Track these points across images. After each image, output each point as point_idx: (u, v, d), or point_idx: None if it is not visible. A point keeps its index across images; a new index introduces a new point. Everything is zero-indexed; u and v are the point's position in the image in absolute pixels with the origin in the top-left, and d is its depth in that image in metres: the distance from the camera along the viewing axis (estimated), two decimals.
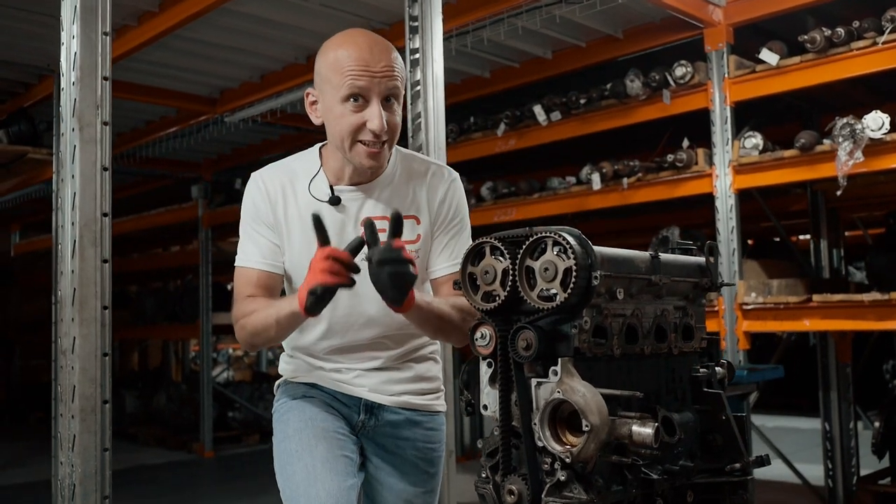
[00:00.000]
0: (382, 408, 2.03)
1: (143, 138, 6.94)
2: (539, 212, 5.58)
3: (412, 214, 1.96)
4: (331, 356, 2.03)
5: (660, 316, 1.67)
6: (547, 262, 1.49)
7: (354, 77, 1.81)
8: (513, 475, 1.52)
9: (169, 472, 7.89)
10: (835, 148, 4.06)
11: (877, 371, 9.41)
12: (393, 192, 1.97)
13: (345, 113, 1.83)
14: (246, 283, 1.95)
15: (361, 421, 2.02)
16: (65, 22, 2.10)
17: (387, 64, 1.84)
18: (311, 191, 1.94)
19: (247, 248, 1.97)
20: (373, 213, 1.92)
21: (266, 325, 1.84)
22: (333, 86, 1.84)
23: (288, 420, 2.00)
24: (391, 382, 2.04)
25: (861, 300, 4.08)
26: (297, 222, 1.94)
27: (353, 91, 1.81)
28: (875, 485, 5.63)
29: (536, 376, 1.51)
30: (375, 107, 1.82)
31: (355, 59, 1.82)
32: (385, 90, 1.83)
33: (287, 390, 2.09)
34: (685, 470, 1.61)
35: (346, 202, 1.94)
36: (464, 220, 2.06)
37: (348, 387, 2.02)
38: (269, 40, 5.08)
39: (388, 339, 2.02)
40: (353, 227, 1.93)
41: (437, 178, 2.02)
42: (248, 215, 1.98)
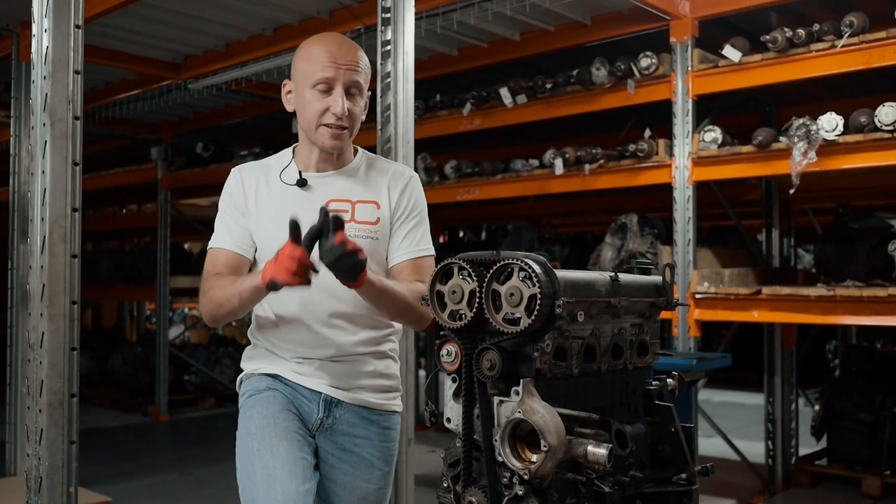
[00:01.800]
0: (341, 405, 2.12)
1: (102, 99, 6.81)
2: (502, 192, 5.64)
3: (373, 200, 2.16)
4: (291, 345, 2.13)
5: (617, 334, 1.75)
6: (513, 287, 1.55)
7: (323, 67, 2.06)
8: (473, 487, 1.60)
9: (123, 435, 7.89)
10: (790, 147, 4.17)
11: (820, 350, 9.73)
12: (356, 181, 2.18)
13: (312, 99, 2.08)
14: (215, 262, 2.13)
15: (320, 419, 2.12)
16: (36, 15, 2.08)
17: (352, 59, 2.09)
18: (282, 178, 2.16)
19: (220, 233, 2.15)
20: (338, 196, 2.13)
21: (230, 297, 2.01)
22: (305, 75, 2.08)
23: (251, 416, 2.10)
24: (350, 377, 2.13)
25: (807, 295, 4.23)
26: (268, 207, 2.13)
27: (320, 79, 2.06)
28: (812, 465, 5.89)
29: (499, 394, 1.58)
30: (339, 94, 2.06)
31: (325, 52, 2.07)
32: (348, 81, 2.07)
33: (251, 382, 2.18)
34: (635, 480, 1.71)
35: (314, 185, 2.15)
36: (422, 213, 2.24)
37: (310, 380, 2.12)
38: (236, 11, 5.01)
39: (346, 320, 2.11)
40: (316, 206, 1.99)
41: (398, 174, 2.23)
42: (224, 204, 2.17)
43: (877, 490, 5.36)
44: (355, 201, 2.14)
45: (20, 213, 5.06)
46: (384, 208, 2.15)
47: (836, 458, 5.82)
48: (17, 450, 4.91)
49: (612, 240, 5.30)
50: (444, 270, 1.67)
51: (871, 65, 4.04)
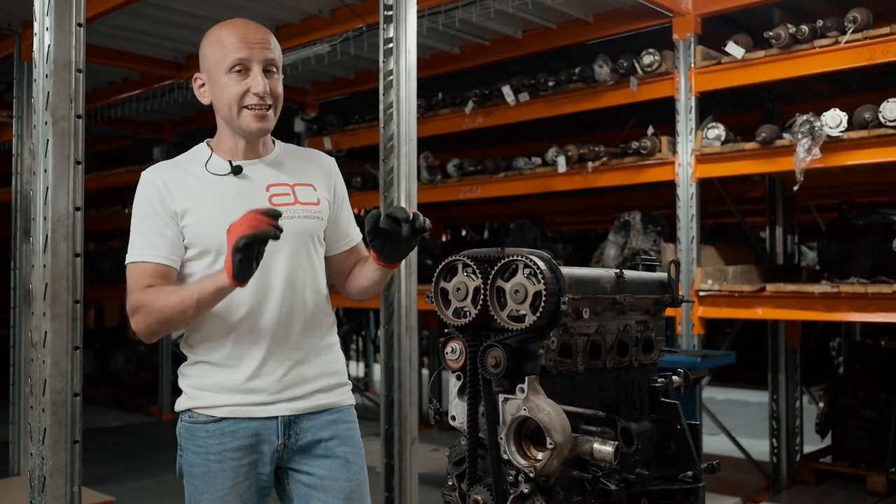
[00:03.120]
0: (300, 419, 2.03)
1: (104, 99, 6.81)
2: (505, 191, 5.64)
3: (308, 182, 2.12)
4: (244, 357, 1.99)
5: (622, 331, 1.74)
6: (518, 284, 1.55)
7: (235, 49, 1.97)
8: (478, 485, 1.59)
9: (126, 435, 7.90)
10: (794, 143, 4.16)
11: (824, 348, 9.71)
12: (285, 167, 2.12)
13: (230, 83, 1.98)
14: (142, 275, 1.94)
15: (282, 444, 2.01)
16: (38, 14, 2.07)
17: (263, 37, 2.01)
18: (209, 169, 2.02)
19: (138, 244, 1.97)
20: (275, 180, 2.06)
21: (183, 307, 1.86)
22: (217, 61, 2.00)
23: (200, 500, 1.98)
24: (307, 381, 2.04)
25: (812, 292, 4.22)
26: (205, 198, 1.98)
27: (234, 61, 1.97)
28: (817, 462, 5.88)
29: (504, 392, 1.57)
30: (257, 73, 1.98)
31: (234, 33, 2.00)
32: (264, 59, 1.99)
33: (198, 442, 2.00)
34: (641, 478, 1.70)
35: (248, 172, 2.05)
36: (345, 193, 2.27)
37: (263, 408, 1.99)
38: (238, 10, 4.99)
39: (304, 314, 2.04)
40: (259, 192, 2.03)
41: (322, 160, 2.22)
42: (141, 212, 1.98)
43: (882, 487, 5.34)
44: (293, 184, 2.08)
45: (23, 213, 5.06)
46: (321, 190, 2.12)
47: (841, 455, 5.80)
48: (20, 449, 4.91)
49: (616, 237, 5.29)
50: (449, 267, 1.66)
51: (875, 61, 4.02)
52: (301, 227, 2.03)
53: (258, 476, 2.00)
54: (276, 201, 2.01)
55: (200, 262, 1.98)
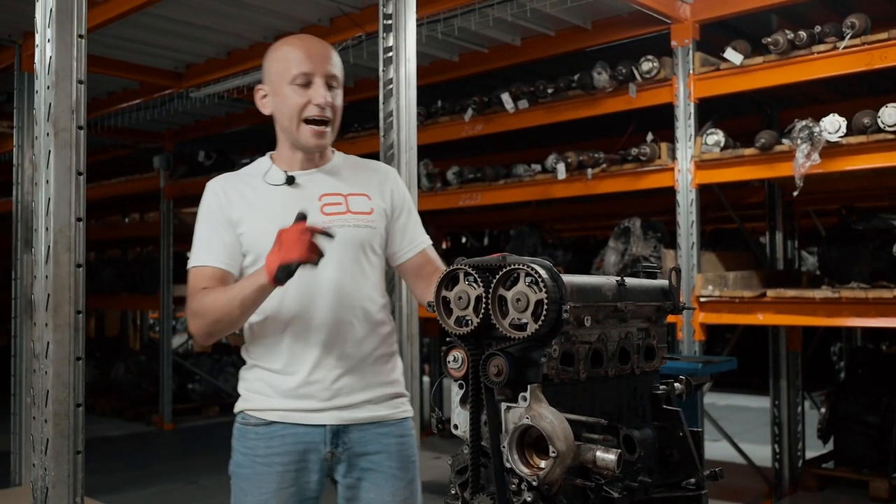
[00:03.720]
0: (349, 429, 2.05)
1: (104, 109, 6.83)
2: (504, 198, 5.65)
3: (363, 192, 2.14)
4: (297, 362, 2.03)
5: (624, 339, 1.74)
6: (519, 293, 1.55)
7: (298, 63, 2.03)
8: (481, 494, 1.59)
9: (128, 444, 7.89)
10: (793, 149, 4.17)
11: (825, 353, 9.72)
12: (341, 177, 2.17)
13: (291, 94, 2.03)
14: (200, 279, 2.02)
15: (330, 452, 2.04)
16: (39, 25, 2.07)
17: (326, 53, 2.07)
18: (267, 180, 2.11)
19: (199, 251, 2.06)
20: (328, 189, 2.11)
21: (228, 306, 1.93)
22: (280, 74, 2.05)
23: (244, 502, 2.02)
24: (358, 391, 2.06)
25: (812, 297, 4.22)
26: (260, 208, 2.06)
27: (297, 73, 2.02)
28: (819, 468, 5.87)
29: (506, 400, 1.57)
30: (319, 84, 2.03)
31: (298, 48, 2.06)
32: (326, 72, 2.04)
33: (248, 443, 2.07)
34: (644, 486, 1.70)
35: (301, 182, 2.11)
36: (411, 202, 2.28)
37: (312, 414, 2.02)
38: (237, 19, 5.02)
39: (353, 315, 2.05)
40: (311, 201, 2.07)
41: (380, 171, 2.26)
42: (203, 219, 2.09)
43: (884, 493, 5.34)
44: (347, 194, 2.12)
45: (23, 223, 5.06)
46: (376, 200, 2.15)
47: (843, 460, 5.80)
48: (22, 460, 4.90)
49: (616, 244, 5.29)
50: (450, 276, 1.66)
51: (874, 66, 4.03)
52: (351, 236, 2.06)
53: (304, 484, 2.03)
54: (328, 210, 2.06)
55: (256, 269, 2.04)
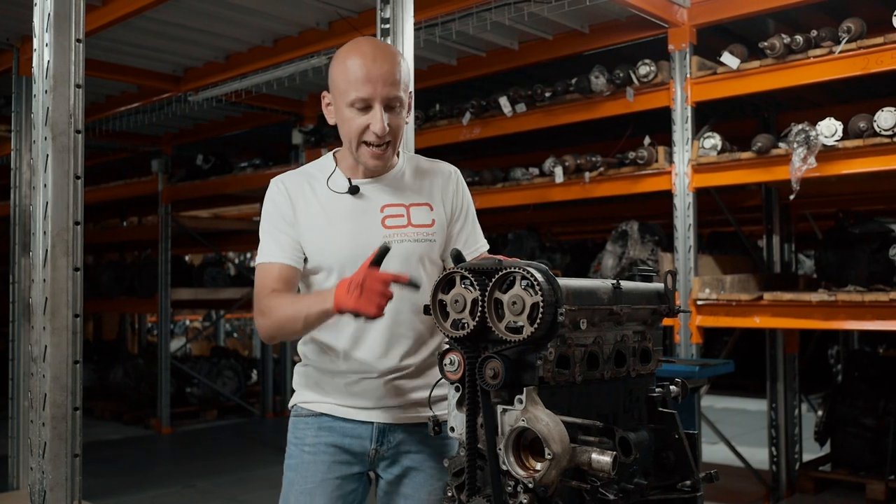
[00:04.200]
0: (395, 428, 2.08)
1: (102, 112, 6.84)
2: (502, 201, 5.66)
3: (425, 202, 2.13)
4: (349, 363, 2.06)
5: (619, 342, 1.75)
6: (515, 296, 1.56)
7: (359, 85, 1.96)
8: (477, 496, 1.60)
9: (126, 448, 7.88)
10: (790, 152, 4.18)
11: (822, 356, 9.73)
12: (406, 184, 2.14)
13: (351, 117, 2.00)
14: (268, 277, 2.03)
15: (374, 449, 2.08)
16: (37, 29, 2.08)
17: (388, 71, 1.98)
18: (330, 186, 2.08)
19: (268, 246, 2.06)
20: (391, 201, 2.09)
21: (293, 319, 1.94)
22: (342, 92, 2.00)
23: (291, 488, 2.09)
24: (406, 392, 2.08)
25: (809, 300, 4.23)
26: (321, 216, 2.06)
27: (356, 98, 1.97)
28: (816, 471, 5.88)
29: (502, 403, 1.58)
30: (378, 111, 1.97)
31: (360, 66, 1.97)
32: (386, 95, 1.98)
33: (296, 428, 2.13)
34: (639, 488, 1.70)
35: (365, 192, 2.09)
36: (471, 206, 2.27)
37: (361, 411, 2.07)
38: (236, 23, 5.04)
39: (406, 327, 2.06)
40: (373, 213, 2.07)
41: (444, 174, 2.21)
42: (269, 215, 2.09)
43: (881, 495, 5.34)
44: (409, 205, 2.10)
45: (21, 227, 5.07)
46: (437, 209, 2.13)
47: (840, 463, 5.81)
48: (20, 464, 4.90)
49: (613, 247, 5.30)
50: (447, 280, 1.67)
51: (870, 70, 4.05)
52: (410, 251, 2.06)
53: (348, 478, 2.08)
54: (389, 223, 2.06)
55: (316, 277, 2.07)
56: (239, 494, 5.70)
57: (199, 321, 15.72)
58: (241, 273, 10.79)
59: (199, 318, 15.69)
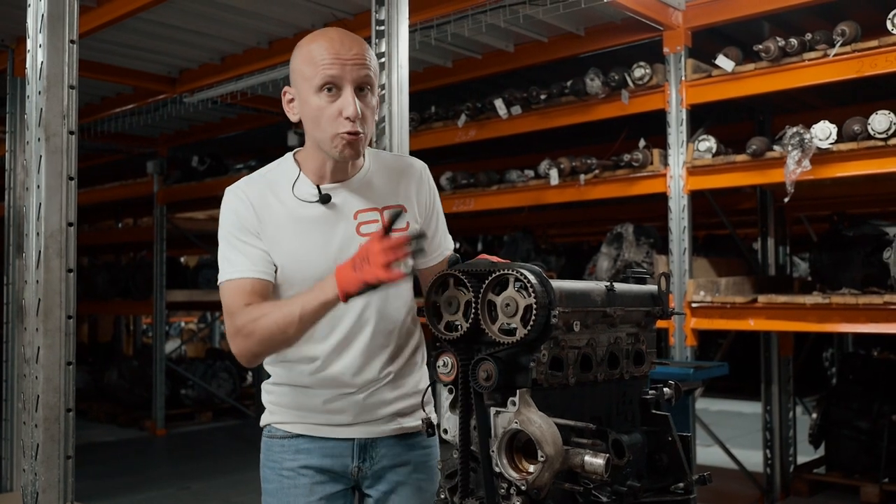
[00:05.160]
0: (376, 442, 2.01)
1: (97, 114, 6.82)
2: (498, 203, 5.66)
3: (399, 205, 1.98)
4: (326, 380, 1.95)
5: (613, 344, 1.75)
6: (508, 297, 1.55)
7: (326, 66, 1.82)
8: (470, 498, 1.60)
9: (120, 450, 7.86)
10: (784, 155, 4.19)
11: (817, 358, 9.74)
12: (375, 186, 1.99)
13: (320, 104, 1.85)
14: (239, 294, 1.85)
15: (357, 467, 2.00)
16: (31, 30, 2.08)
17: (358, 52, 1.85)
18: (296, 194, 1.92)
19: (233, 260, 1.88)
20: (363, 205, 1.95)
21: (286, 325, 1.77)
22: (307, 78, 1.85)
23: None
24: (386, 404, 2.00)
25: (803, 303, 4.24)
26: (289, 227, 1.91)
27: (326, 80, 1.83)
28: (810, 473, 5.89)
29: (495, 405, 1.58)
30: (349, 94, 1.83)
31: (327, 49, 1.84)
32: (357, 78, 1.85)
33: (270, 452, 2.02)
34: (632, 490, 1.70)
35: (335, 199, 1.94)
36: (439, 203, 2.15)
37: (340, 429, 1.98)
38: (231, 25, 5.03)
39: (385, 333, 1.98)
40: (347, 221, 1.94)
41: (413, 171, 2.07)
42: (231, 226, 1.91)
43: (875, 498, 5.35)
44: (382, 208, 1.96)
45: (16, 229, 5.05)
46: (411, 211, 2.01)
47: (835, 466, 5.81)
48: (13, 465, 4.89)
49: (608, 250, 5.31)
50: (440, 281, 1.67)
51: (864, 73, 4.06)
52: None
53: (332, 496, 1.99)
54: (364, 230, 1.92)
55: (286, 294, 1.90)
56: (233, 496, 5.69)
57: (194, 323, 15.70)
58: None
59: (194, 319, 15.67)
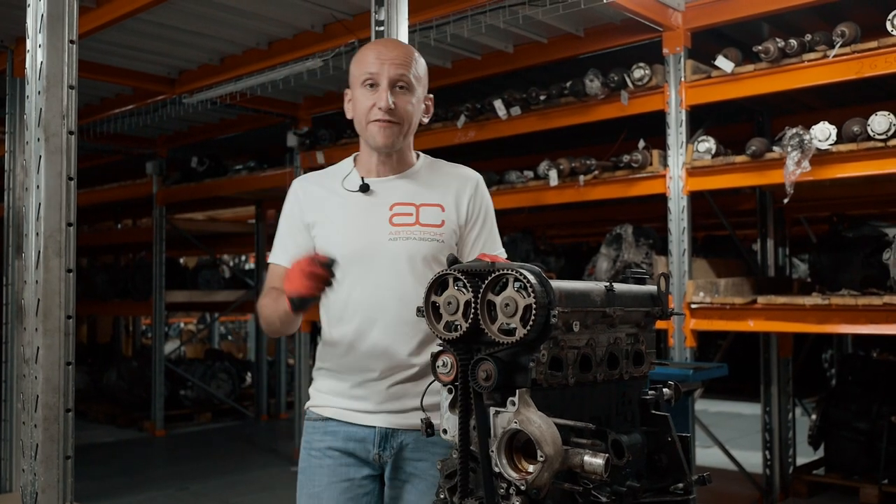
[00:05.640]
0: (397, 433, 2.10)
1: (97, 114, 6.83)
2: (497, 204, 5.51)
3: (437, 203, 2.14)
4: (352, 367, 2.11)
5: (612, 344, 1.75)
6: (508, 297, 1.55)
7: (369, 65, 2.09)
8: (470, 498, 1.60)
9: (119, 450, 7.86)
10: (784, 156, 4.19)
11: (816, 359, 9.74)
12: (419, 184, 2.17)
13: (361, 97, 2.11)
14: (272, 277, 2.17)
15: (377, 454, 2.10)
16: (30, 30, 2.08)
17: (397, 55, 2.11)
18: (344, 185, 2.16)
19: (276, 248, 2.20)
20: (401, 199, 2.13)
21: (272, 318, 2.09)
22: (355, 77, 2.13)
23: (302, 491, 2.15)
24: (409, 397, 2.09)
25: (803, 304, 4.24)
26: (333, 214, 2.14)
27: (366, 77, 2.09)
28: (810, 474, 5.89)
29: (495, 405, 1.57)
30: (383, 89, 2.07)
31: (372, 51, 2.13)
32: (393, 76, 2.08)
33: (307, 431, 2.20)
34: (632, 490, 1.70)
35: (376, 190, 2.15)
36: (490, 215, 2.24)
37: (364, 415, 2.11)
38: (230, 25, 5.04)
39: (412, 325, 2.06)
40: (382, 210, 2.12)
41: (464, 178, 2.21)
42: (285, 217, 2.21)
43: (875, 499, 5.35)
44: (419, 204, 2.13)
45: (15, 230, 5.05)
46: (449, 211, 2.14)
47: (834, 467, 5.81)
48: (13, 466, 4.88)
49: (608, 250, 5.31)
50: (440, 281, 1.67)
51: (864, 74, 4.06)
52: (414, 249, 2.09)
53: (355, 482, 2.11)
54: (396, 221, 2.10)
55: None
56: (232, 497, 5.69)
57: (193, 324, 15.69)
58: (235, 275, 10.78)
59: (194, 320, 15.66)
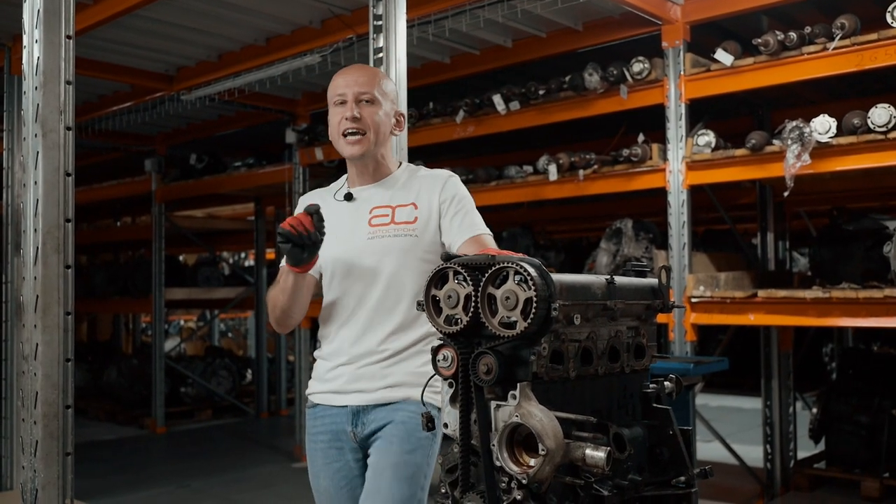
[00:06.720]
0: (367, 409, 2.26)
1: (95, 112, 6.81)
2: (496, 199, 5.65)
3: (410, 202, 2.33)
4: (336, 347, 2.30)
5: (613, 337, 1.74)
6: (508, 291, 1.55)
7: (338, 87, 2.33)
8: (471, 492, 1.59)
9: (120, 448, 7.86)
10: (784, 149, 4.18)
11: (817, 353, 9.75)
12: (396, 189, 2.37)
13: (333, 115, 2.34)
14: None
15: (352, 431, 2.28)
16: (27, 26, 2.07)
17: (362, 75, 2.35)
18: (335, 196, 2.41)
19: None
20: (380, 202, 2.34)
21: (275, 294, 2.28)
22: (329, 99, 2.36)
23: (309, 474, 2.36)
24: (375, 377, 2.26)
25: (803, 297, 4.23)
26: (331, 220, 2.24)
27: (335, 98, 2.33)
28: (811, 468, 5.88)
29: (496, 398, 1.57)
30: (350, 103, 2.30)
31: (341, 76, 2.36)
32: (358, 92, 2.31)
33: (307, 424, 2.40)
34: (634, 484, 1.70)
35: (358, 197, 2.38)
36: (467, 203, 2.37)
37: (339, 396, 2.29)
38: (228, 22, 5.03)
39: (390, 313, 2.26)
40: (363, 214, 2.33)
41: (434, 176, 2.40)
42: None
43: (876, 492, 5.35)
44: (395, 206, 2.32)
45: (14, 227, 5.04)
46: (422, 208, 2.31)
47: (835, 460, 5.81)
48: (13, 464, 4.88)
49: (608, 245, 5.30)
50: (440, 275, 1.66)
51: (864, 66, 4.05)
52: (389, 245, 2.27)
53: (347, 462, 2.30)
54: (375, 222, 2.31)
55: (323, 279, 2.36)
56: (233, 494, 5.69)
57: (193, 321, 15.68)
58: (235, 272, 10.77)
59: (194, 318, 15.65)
